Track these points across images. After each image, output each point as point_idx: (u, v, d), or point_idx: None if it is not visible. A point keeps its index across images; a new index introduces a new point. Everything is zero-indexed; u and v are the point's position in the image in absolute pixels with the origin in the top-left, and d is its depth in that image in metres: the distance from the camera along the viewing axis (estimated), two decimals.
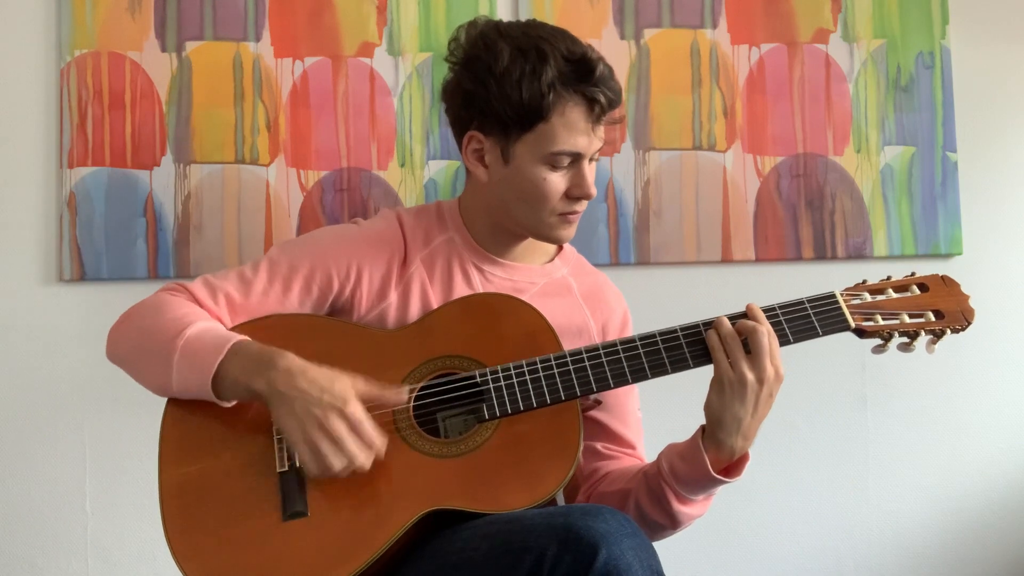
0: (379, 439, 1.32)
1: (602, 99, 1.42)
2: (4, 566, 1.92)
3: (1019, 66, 2.22)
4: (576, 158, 1.45)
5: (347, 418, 1.30)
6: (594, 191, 1.47)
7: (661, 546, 1.26)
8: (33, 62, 1.96)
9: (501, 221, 1.54)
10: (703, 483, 1.40)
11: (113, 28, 1.97)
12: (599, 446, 1.56)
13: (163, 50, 1.98)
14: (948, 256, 2.16)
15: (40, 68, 1.96)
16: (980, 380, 2.19)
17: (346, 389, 1.31)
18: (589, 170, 1.47)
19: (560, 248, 1.62)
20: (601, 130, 1.47)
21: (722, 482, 1.39)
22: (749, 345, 1.34)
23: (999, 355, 2.19)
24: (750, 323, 1.35)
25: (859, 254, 2.13)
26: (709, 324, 1.39)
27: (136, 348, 1.45)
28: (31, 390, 1.95)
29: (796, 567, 2.13)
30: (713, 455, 1.38)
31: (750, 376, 1.34)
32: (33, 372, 1.95)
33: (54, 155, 1.96)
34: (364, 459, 1.30)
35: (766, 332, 1.34)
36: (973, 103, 2.19)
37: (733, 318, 1.38)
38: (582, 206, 1.49)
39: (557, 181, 1.45)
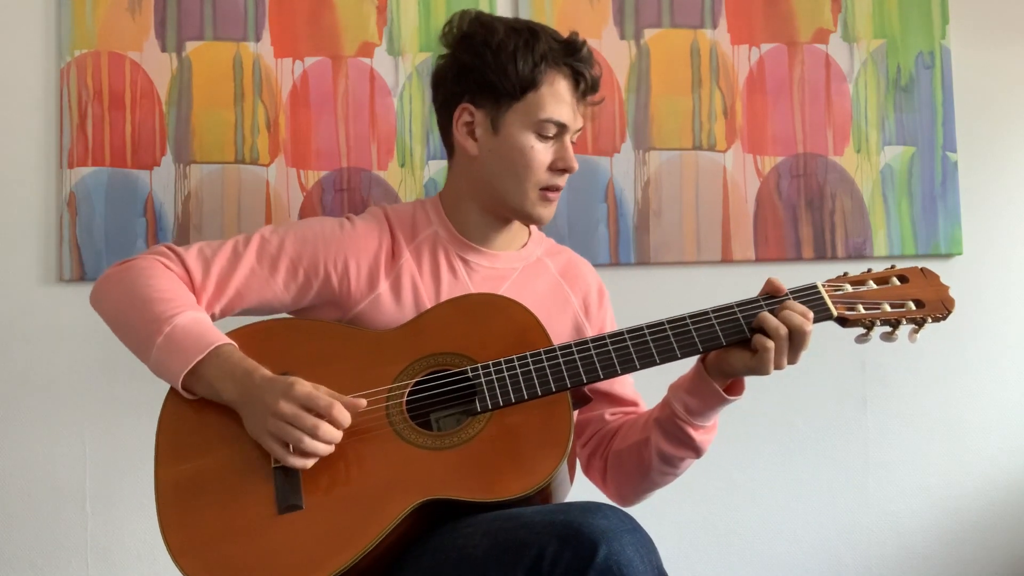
0: (334, 404, 1.34)
1: (587, 75, 1.55)
2: (4, 566, 1.92)
3: (1019, 66, 2.22)
4: (561, 131, 1.54)
5: (294, 397, 1.33)
6: (576, 165, 1.56)
7: (660, 546, 1.26)
8: (33, 62, 1.96)
9: (485, 203, 1.59)
10: (716, 408, 1.48)
11: (113, 28, 1.97)
12: (607, 414, 1.63)
13: (163, 50, 1.98)
14: (948, 256, 2.16)
15: (40, 68, 1.96)
16: (980, 380, 2.19)
17: (294, 379, 1.36)
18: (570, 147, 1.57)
19: (530, 233, 1.69)
20: (582, 110, 1.58)
21: (732, 401, 1.47)
22: (794, 341, 1.39)
23: (999, 355, 2.19)
24: (798, 320, 1.39)
25: (859, 254, 2.12)
26: (697, 317, 1.43)
27: (121, 315, 1.49)
28: (31, 390, 1.95)
29: (796, 567, 2.13)
30: (720, 383, 1.46)
31: (785, 366, 1.40)
32: (33, 372, 1.95)
33: (54, 155, 1.96)
34: (326, 429, 1.33)
35: (811, 331, 1.40)
36: (973, 103, 2.19)
37: (768, 301, 1.44)
38: (563, 181, 1.58)
39: (543, 151, 1.54)
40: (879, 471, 2.15)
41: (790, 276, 2.08)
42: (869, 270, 1.50)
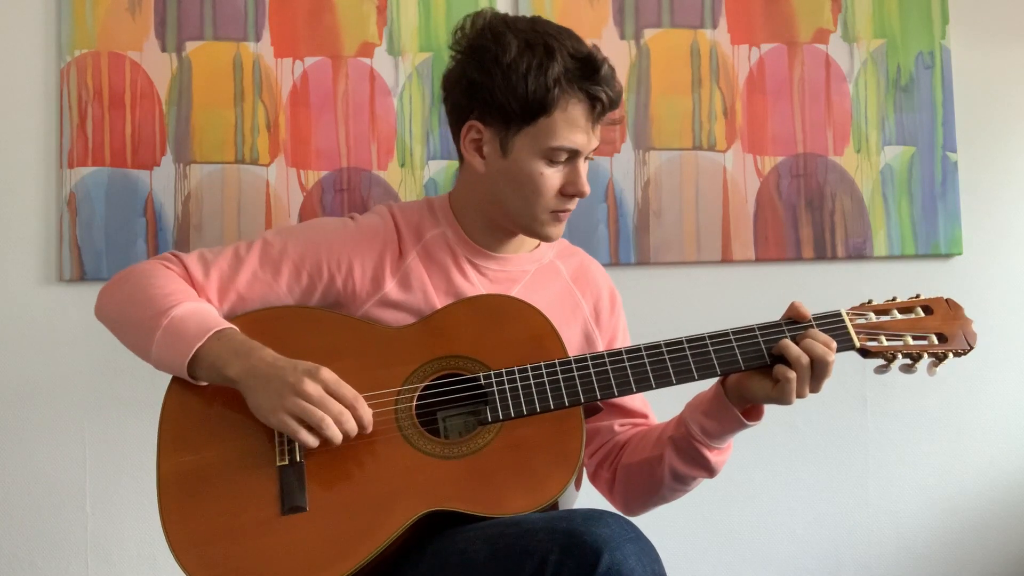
0: (359, 398, 1.34)
1: (604, 98, 1.45)
2: (4, 566, 1.92)
3: (1019, 66, 2.22)
4: (573, 155, 1.47)
5: (321, 380, 1.32)
6: (588, 189, 1.49)
7: (660, 546, 1.26)
8: (33, 62, 1.96)
9: (494, 216, 1.55)
10: (734, 432, 1.46)
11: (113, 28, 1.97)
12: (616, 425, 1.60)
13: (163, 50, 1.98)
14: (948, 256, 2.16)
15: (40, 68, 1.96)
16: (980, 380, 2.18)
17: (317, 365, 1.34)
18: (584, 168, 1.49)
19: None
20: (599, 130, 1.49)
21: (750, 426, 1.45)
22: (816, 371, 1.36)
23: (999, 355, 2.19)
24: (820, 350, 1.36)
25: (859, 254, 2.12)
26: (717, 338, 1.40)
27: (122, 314, 1.48)
28: (31, 390, 1.94)
29: (796, 567, 2.13)
30: (739, 407, 1.43)
31: (808, 395, 1.37)
32: (33, 372, 1.95)
33: (54, 155, 1.96)
34: (348, 417, 1.32)
35: (833, 362, 1.37)
36: (973, 103, 2.19)
37: (791, 327, 1.40)
38: (574, 204, 1.51)
39: (553, 176, 1.47)
40: (879, 471, 2.16)
41: (790, 276, 2.12)
42: (894, 298, 1.47)
